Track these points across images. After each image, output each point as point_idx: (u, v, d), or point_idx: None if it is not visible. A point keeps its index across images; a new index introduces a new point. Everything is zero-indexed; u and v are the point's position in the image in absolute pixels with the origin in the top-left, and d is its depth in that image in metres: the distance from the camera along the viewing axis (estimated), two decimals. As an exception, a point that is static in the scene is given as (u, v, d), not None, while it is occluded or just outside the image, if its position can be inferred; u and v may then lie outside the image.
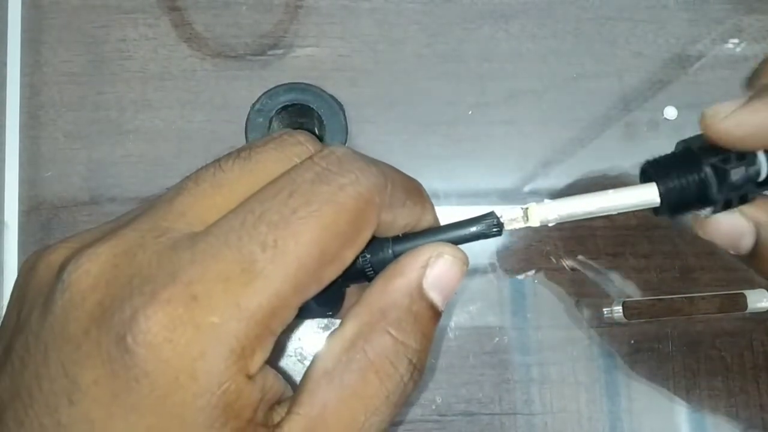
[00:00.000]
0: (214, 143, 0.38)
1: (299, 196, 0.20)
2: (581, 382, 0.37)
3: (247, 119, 0.34)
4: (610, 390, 0.37)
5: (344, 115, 0.34)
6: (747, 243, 0.26)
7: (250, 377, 0.20)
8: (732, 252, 0.26)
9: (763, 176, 0.25)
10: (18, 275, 0.23)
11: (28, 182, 0.38)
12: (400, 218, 0.23)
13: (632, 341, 0.37)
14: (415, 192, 0.24)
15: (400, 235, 0.24)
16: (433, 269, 0.22)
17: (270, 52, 0.40)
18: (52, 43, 0.39)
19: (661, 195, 0.25)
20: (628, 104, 0.40)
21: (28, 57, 0.39)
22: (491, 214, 0.24)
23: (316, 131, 0.37)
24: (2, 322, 0.23)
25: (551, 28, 0.40)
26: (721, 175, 0.25)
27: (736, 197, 0.25)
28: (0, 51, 0.39)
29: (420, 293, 0.22)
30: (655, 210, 0.25)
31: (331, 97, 0.35)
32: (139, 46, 0.39)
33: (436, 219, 0.24)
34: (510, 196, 0.39)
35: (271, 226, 0.20)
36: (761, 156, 0.25)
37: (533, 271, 0.38)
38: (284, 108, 0.35)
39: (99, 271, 0.20)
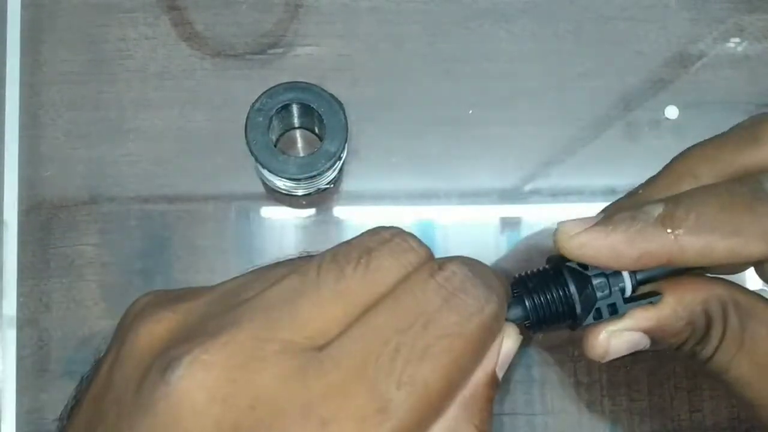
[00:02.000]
0: (214, 142, 0.38)
1: (434, 329, 0.20)
2: (582, 383, 0.37)
3: (247, 118, 0.34)
4: (610, 390, 0.37)
5: (344, 114, 0.34)
6: (646, 344, 0.27)
7: None
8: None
9: (628, 291, 0.26)
10: (123, 318, 0.23)
11: (27, 182, 0.38)
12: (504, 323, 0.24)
13: (633, 341, 0.37)
14: (508, 292, 0.25)
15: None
16: (503, 350, 0.23)
17: (270, 51, 0.40)
18: (51, 43, 0.39)
19: (528, 311, 0.26)
20: (629, 104, 0.40)
21: (28, 56, 0.39)
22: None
23: (316, 130, 0.37)
24: (96, 368, 0.22)
25: (552, 28, 0.40)
26: (581, 279, 0.26)
27: (605, 306, 0.26)
28: None
29: (495, 378, 0.23)
30: (528, 327, 0.26)
31: (332, 96, 0.34)
32: (138, 45, 0.39)
33: None
34: (510, 196, 0.39)
35: (407, 362, 0.19)
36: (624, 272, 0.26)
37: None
38: (284, 107, 0.35)
39: (213, 385, 0.19)
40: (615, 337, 0.26)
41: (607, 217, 0.26)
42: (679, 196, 0.26)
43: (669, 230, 0.25)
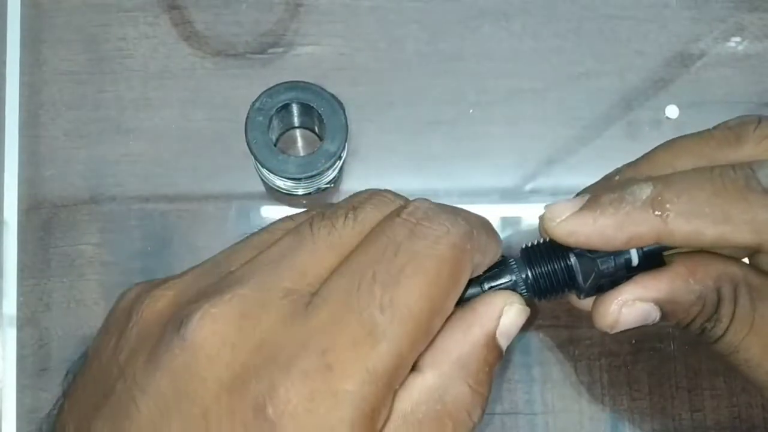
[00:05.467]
0: (214, 142, 0.38)
1: (403, 254, 0.21)
2: (583, 382, 0.37)
3: (248, 118, 0.34)
4: (611, 390, 0.37)
5: (344, 113, 0.34)
6: (656, 317, 0.27)
7: None
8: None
9: (635, 261, 0.26)
10: (116, 308, 0.24)
11: (27, 181, 0.38)
12: (489, 258, 0.25)
13: (633, 341, 0.37)
14: (490, 229, 0.25)
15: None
16: (506, 318, 0.24)
17: (270, 51, 0.39)
18: (51, 42, 0.39)
19: (528, 280, 0.26)
20: (630, 103, 0.40)
21: (28, 56, 0.39)
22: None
23: (317, 130, 0.37)
24: (94, 351, 0.23)
25: (552, 27, 0.40)
26: (587, 258, 0.26)
27: (609, 279, 0.26)
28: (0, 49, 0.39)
29: (494, 342, 0.23)
30: (532, 296, 0.27)
31: (332, 95, 0.34)
32: (139, 44, 0.39)
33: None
34: (511, 195, 0.39)
35: (385, 286, 0.21)
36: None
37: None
38: (284, 106, 0.35)
39: (224, 333, 0.20)
40: (627, 307, 0.26)
41: (593, 198, 0.26)
42: (668, 177, 0.26)
43: (657, 213, 0.25)
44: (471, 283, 0.26)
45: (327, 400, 0.19)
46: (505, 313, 0.24)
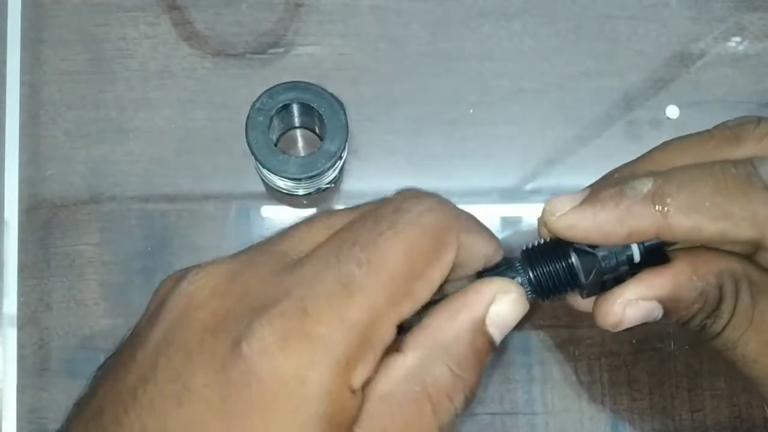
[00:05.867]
0: (214, 142, 0.38)
1: (384, 222, 0.22)
2: (583, 382, 0.37)
3: (248, 118, 0.34)
4: (611, 390, 0.37)
5: (345, 113, 0.34)
6: (658, 314, 0.27)
7: (353, 392, 0.21)
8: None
9: (637, 258, 0.26)
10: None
11: (28, 181, 0.38)
12: (480, 246, 0.25)
13: (634, 340, 0.37)
14: (483, 225, 0.26)
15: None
16: (498, 306, 0.23)
17: (271, 51, 0.39)
18: (52, 42, 0.39)
19: (529, 281, 0.26)
20: (630, 103, 0.40)
21: (28, 55, 0.39)
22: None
23: (317, 130, 0.37)
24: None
25: (553, 27, 0.40)
26: (588, 256, 0.26)
27: (611, 277, 0.26)
28: (0, 49, 0.39)
29: (482, 329, 0.23)
30: (535, 296, 0.26)
31: (332, 95, 0.34)
32: (139, 44, 0.39)
33: (498, 246, 0.26)
34: (511, 195, 0.39)
35: (363, 247, 0.22)
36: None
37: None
38: (285, 107, 0.35)
39: (214, 285, 0.22)
40: (630, 306, 0.26)
41: (593, 193, 0.26)
42: (669, 172, 0.26)
43: (658, 207, 0.25)
44: None
45: (301, 342, 0.20)
46: (497, 300, 0.23)
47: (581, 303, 0.30)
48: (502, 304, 0.23)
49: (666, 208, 0.25)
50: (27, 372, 0.36)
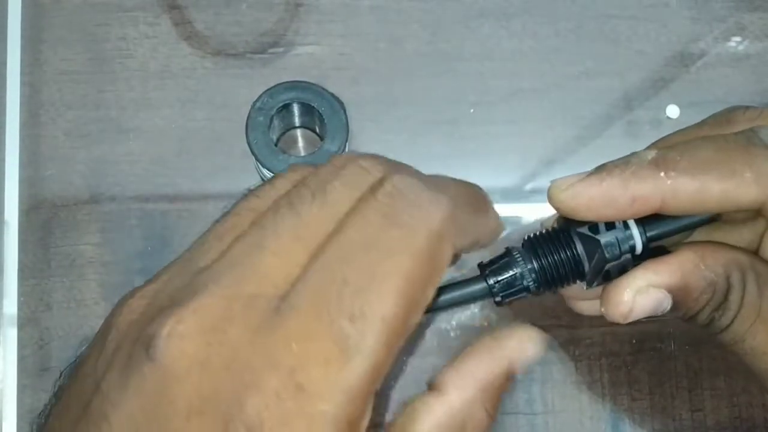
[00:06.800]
0: (214, 142, 0.38)
1: (375, 251, 0.19)
2: (583, 382, 0.37)
3: (248, 118, 0.34)
4: (612, 389, 0.37)
5: (345, 113, 0.34)
6: (667, 306, 0.26)
7: None
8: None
9: (639, 248, 0.26)
10: (107, 318, 0.23)
11: (28, 181, 0.38)
12: (471, 236, 0.23)
13: (634, 340, 0.37)
14: (478, 201, 0.24)
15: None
16: (526, 354, 0.23)
17: (271, 51, 0.39)
18: (52, 42, 0.39)
19: (533, 272, 0.26)
20: (630, 103, 0.40)
21: (29, 55, 0.39)
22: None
23: (317, 130, 0.37)
24: (81, 360, 0.22)
25: (553, 27, 0.40)
26: (589, 238, 0.25)
27: (615, 268, 0.26)
28: (0, 49, 0.39)
29: (513, 372, 0.23)
30: (537, 288, 0.26)
31: (332, 95, 0.34)
32: (139, 44, 0.39)
33: (497, 221, 0.25)
34: (512, 195, 0.39)
35: (355, 294, 0.19)
36: (633, 227, 0.26)
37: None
38: (285, 106, 0.35)
39: (193, 352, 0.19)
40: (641, 294, 0.26)
41: (599, 167, 0.26)
42: (672, 140, 0.26)
43: (662, 172, 0.25)
44: (475, 278, 0.25)
45: (302, 423, 0.18)
46: (528, 349, 0.23)
47: (583, 305, 0.30)
48: (529, 351, 0.23)
49: (670, 172, 0.25)
50: (27, 372, 0.36)
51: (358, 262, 0.19)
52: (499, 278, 0.25)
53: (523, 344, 0.23)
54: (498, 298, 0.25)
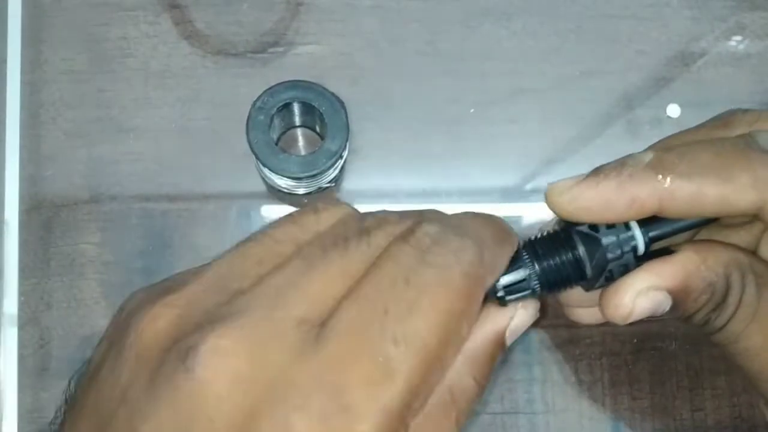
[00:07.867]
0: (215, 141, 0.38)
1: (414, 285, 0.21)
2: (584, 381, 0.37)
3: (249, 117, 0.34)
4: (612, 389, 0.37)
5: (345, 113, 0.34)
6: (666, 307, 0.26)
7: None
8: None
9: (641, 248, 0.26)
10: (116, 320, 0.22)
11: (28, 181, 0.38)
12: (499, 269, 0.24)
13: (635, 340, 0.37)
14: (502, 236, 0.25)
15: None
16: (517, 318, 0.24)
17: (271, 50, 0.39)
18: (52, 41, 0.39)
19: (537, 275, 0.25)
20: (631, 102, 0.40)
21: (29, 55, 0.39)
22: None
23: (318, 129, 0.37)
24: (96, 366, 0.22)
25: (553, 26, 0.40)
26: (591, 240, 0.25)
27: (617, 268, 0.26)
28: (0, 49, 0.39)
29: (502, 339, 0.24)
30: (540, 290, 0.26)
31: (333, 95, 0.34)
32: (139, 43, 0.39)
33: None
34: (512, 195, 0.39)
35: (397, 321, 0.20)
36: (635, 227, 0.26)
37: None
38: (285, 106, 0.35)
39: (235, 371, 0.19)
40: (641, 296, 0.26)
41: (596, 169, 0.26)
42: (670, 143, 0.26)
43: (660, 175, 0.25)
44: None
45: None
46: (518, 313, 0.24)
47: (581, 313, 0.30)
48: (520, 316, 0.24)
49: (667, 175, 0.25)
50: (27, 372, 0.36)
51: (397, 295, 0.20)
52: (511, 281, 0.25)
53: (510, 312, 0.24)
54: (501, 294, 0.25)
